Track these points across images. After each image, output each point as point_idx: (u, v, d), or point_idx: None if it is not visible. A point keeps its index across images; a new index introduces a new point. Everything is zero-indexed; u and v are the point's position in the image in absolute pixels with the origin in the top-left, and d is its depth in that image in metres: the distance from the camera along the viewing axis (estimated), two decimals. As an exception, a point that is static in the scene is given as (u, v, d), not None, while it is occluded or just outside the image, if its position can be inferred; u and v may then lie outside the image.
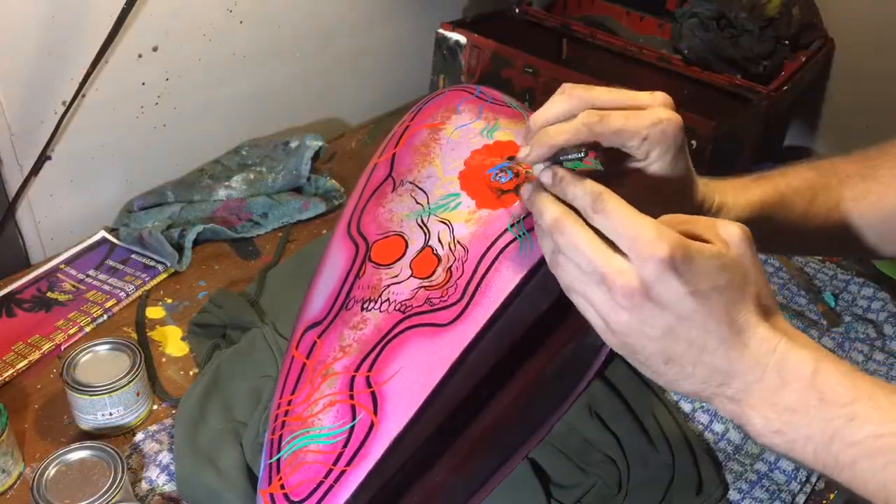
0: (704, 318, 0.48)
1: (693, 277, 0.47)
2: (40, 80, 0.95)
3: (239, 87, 1.18)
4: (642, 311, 0.48)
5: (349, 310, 0.63)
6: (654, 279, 0.47)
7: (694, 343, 0.49)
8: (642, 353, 0.50)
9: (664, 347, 0.49)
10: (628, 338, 0.50)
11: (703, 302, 0.48)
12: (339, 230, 0.68)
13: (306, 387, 0.61)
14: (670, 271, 0.47)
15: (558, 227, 0.50)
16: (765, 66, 1.22)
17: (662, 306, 0.48)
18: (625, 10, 1.40)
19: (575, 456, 0.78)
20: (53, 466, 0.70)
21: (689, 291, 0.47)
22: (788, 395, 0.48)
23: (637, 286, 0.47)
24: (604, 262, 0.48)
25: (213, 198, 1.09)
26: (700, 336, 0.48)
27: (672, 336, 0.49)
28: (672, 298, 0.47)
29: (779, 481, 0.78)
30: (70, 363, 0.79)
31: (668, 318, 0.48)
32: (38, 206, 1.02)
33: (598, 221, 0.49)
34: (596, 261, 0.48)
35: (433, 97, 0.73)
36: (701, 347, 0.49)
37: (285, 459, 0.58)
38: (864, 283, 1.03)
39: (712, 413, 0.84)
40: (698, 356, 0.49)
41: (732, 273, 0.48)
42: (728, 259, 0.48)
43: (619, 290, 0.48)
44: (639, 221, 0.48)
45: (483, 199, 0.63)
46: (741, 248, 0.49)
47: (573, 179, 0.51)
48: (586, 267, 0.49)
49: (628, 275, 0.48)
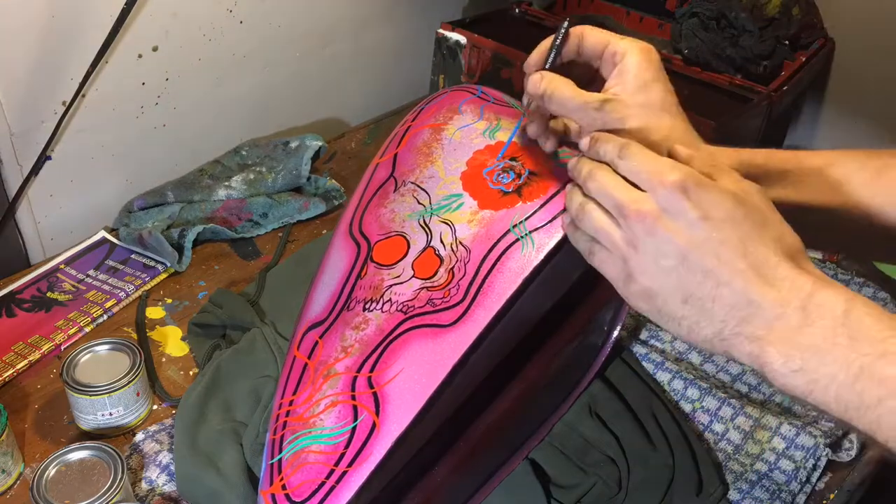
0: (717, 246, 0.48)
1: (704, 203, 0.48)
2: (40, 80, 0.95)
3: (239, 87, 1.18)
4: (655, 238, 0.49)
5: (351, 310, 0.63)
6: (666, 202, 0.49)
7: (709, 273, 0.49)
8: (661, 295, 0.51)
9: (680, 281, 0.49)
10: (645, 277, 0.51)
11: (716, 229, 0.48)
12: (340, 230, 0.68)
13: (308, 387, 0.61)
14: (681, 194, 0.48)
15: (591, 175, 0.53)
16: (765, 66, 1.22)
17: (674, 231, 0.49)
18: (625, 9, 1.40)
19: (575, 456, 0.78)
20: (53, 466, 0.70)
21: (699, 216, 0.48)
22: (814, 332, 0.47)
23: (649, 210, 0.49)
24: (622, 194, 0.51)
25: (213, 198, 1.09)
26: (715, 266, 0.49)
27: (686, 265, 0.49)
28: (683, 222, 0.49)
29: (779, 481, 0.78)
30: (70, 363, 0.79)
31: (680, 244, 0.49)
32: (38, 206, 1.02)
33: (623, 167, 0.52)
34: (616, 194, 0.51)
35: (435, 97, 0.73)
36: (717, 278, 0.49)
37: (287, 460, 0.58)
38: (864, 283, 1.03)
39: (712, 413, 0.84)
40: (715, 288, 0.49)
41: (749, 211, 0.49)
42: (745, 198, 0.50)
43: (634, 214, 0.50)
44: (657, 158, 0.51)
45: (485, 199, 0.63)
46: (759, 196, 0.50)
47: (605, 137, 0.54)
48: (609, 203, 0.52)
49: (642, 201, 0.50)
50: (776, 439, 0.81)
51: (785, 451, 0.80)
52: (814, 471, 0.79)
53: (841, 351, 0.46)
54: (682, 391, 0.86)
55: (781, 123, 1.41)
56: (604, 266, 0.54)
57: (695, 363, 0.90)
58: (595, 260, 0.54)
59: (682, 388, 0.86)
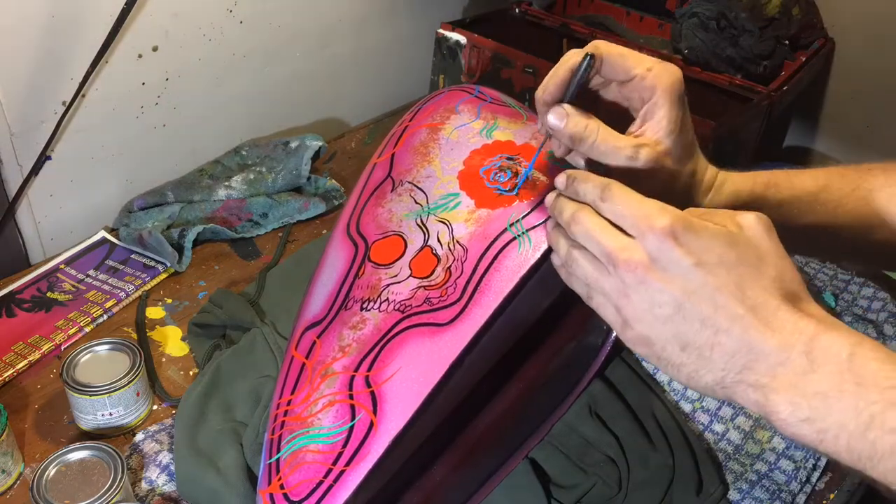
0: (713, 291, 0.47)
1: (696, 249, 0.47)
2: (40, 80, 0.95)
3: (239, 87, 1.18)
4: (648, 288, 0.48)
5: (348, 310, 0.63)
6: (657, 250, 0.47)
7: (706, 321, 0.47)
8: (658, 343, 0.49)
9: (677, 330, 0.48)
10: (641, 325, 0.49)
11: (710, 275, 0.47)
12: (338, 230, 0.68)
13: (306, 387, 0.61)
14: (671, 240, 0.47)
15: (575, 218, 0.52)
16: (765, 66, 1.22)
17: (667, 280, 0.47)
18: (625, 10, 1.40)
19: (575, 456, 0.78)
20: (53, 466, 0.70)
21: (692, 263, 0.47)
22: (820, 378, 0.45)
23: (639, 259, 0.48)
24: (609, 241, 0.49)
25: (213, 198, 1.09)
26: (712, 313, 0.47)
27: (682, 314, 0.48)
28: (676, 270, 0.47)
29: (779, 481, 0.78)
30: (70, 363, 0.79)
31: (674, 293, 0.47)
32: (38, 206, 1.02)
33: (606, 209, 0.50)
34: (603, 241, 0.49)
35: (432, 97, 0.73)
36: (715, 326, 0.47)
37: (285, 459, 0.58)
38: (864, 283, 1.03)
39: (712, 413, 0.84)
40: (713, 336, 0.47)
41: (743, 251, 0.47)
42: (739, 238, 0.48)
43: (623, 264, 0.48)
44: (642, 201, 0.49)
45: (482, 198, 0.63)
46: (756, 230, 0.48)
47: (583, 176, 0.52)
48: (597, 250, 0.50)
49: (631, 249, 0.48)
50: (776, 439, 0.80)
51: (785, 451, 0.80)
52: (814, 471, 0.79)
53: (849, 399, 0.44)
54: (682, 391, 0.86)
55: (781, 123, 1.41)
56: (601, 310, 0.52)
57: (695, 363, 0.90)
58: (593, 304, 0.53)
59: (682, 388, 0.86)
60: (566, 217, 0.53)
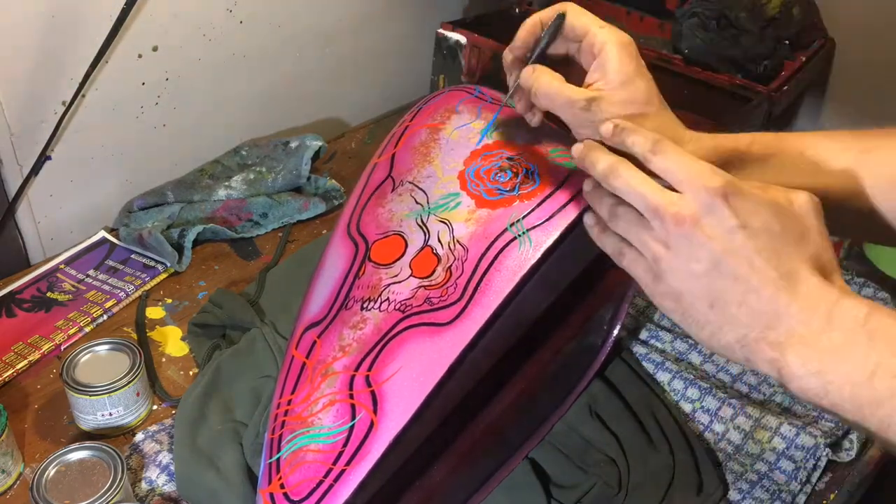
0: (752, 253, 0.49)
1: (743, 212, 0.49)
2: (40, 80, 0.95)
3: (239, 87, 1.18)
4: (691, 242, 0.49)
5: (349, 309, 0.63)
6: (705, 207, 0.49)
7: (740, 279, 0.49)
8: (688, 298, 0.51)
9: (709, 285, 0.50)
10: (674, 278, 0.51)
11: (752, 238, 0.49)
12: (338, 230, 0.68)
13: (306, 386, 0.61)
14: (721, 200, 0.48)
15: (614, 171, 0.52)
16: (765, 66, 1.22)
17: (711, 236, 0.49)
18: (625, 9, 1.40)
19: (575, 456, 0.78)
20: (53, 466, 0.70)
21: (738, 224, 0.48)
22: (834, 336, 0.48)
23: (688, 213, 0.49)
24: (658, 195, 0.50)
25: (213, 198, 1.09)
26: (746, 272, 0.49)
27: (717, 270, 0.49)
28: (721, 229, 0.49)
29: (779, 481, 0.78)
30: (70, 363, 0.79)
31: (714, 249, 0.49)
32: (38, 206, 1.02)
33: (656, 163, 0.51)
34: (649, 194, 0.51)
35: (432, 97, 0.74)
36: (746, 284, 0.49)
37: (285, 459, 0.58)
38: (864, 284, 1.03)
39: (712, 413, 0.84)
40: (743, 295, 0.49)
41: (788, 222, 0.49)
42: (787, 210, 0.50)
43: (672, 217, 0.49)
44: (695, 160, 0.50)
45: (482, 198, 0.63)
46: (805, 209, 0.50)
47: (632, 128, 0.53)
48: (641, 204, 0.51)
49: (680, 203, 0.49)
50: (776, 439, 0.80)
51: (785, 451, 0.80)
52: (814, 471, 0.79)
53: (860, 350, 0.47)
54: (682, 391, 0.86)
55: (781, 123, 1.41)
56: (632, 266, 0.54)
57: (695, 363, 0.90)
58: (624, 261, 0.55)
59: (682, 388, 0.86)
60: (602, 168, 0.53)
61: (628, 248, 0.54)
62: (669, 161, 0.51)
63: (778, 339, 0.49)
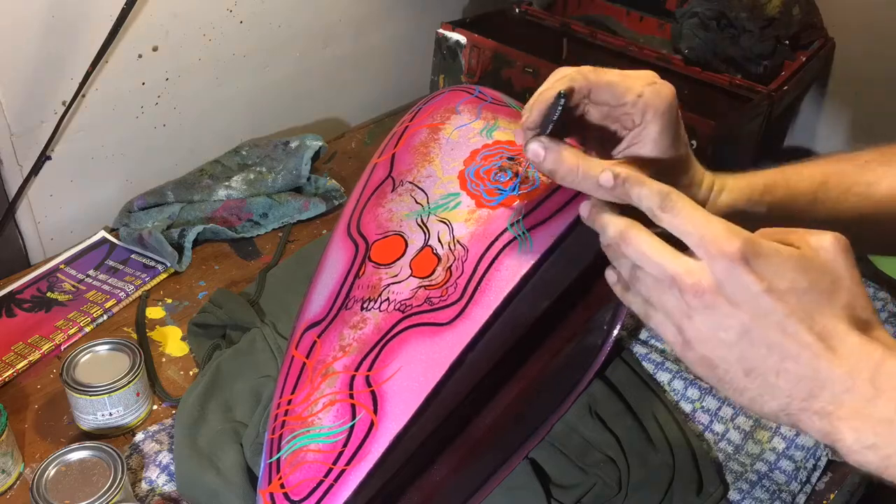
0: (782, 318, 0.45)
1: (767, 274, 0.45)
2: (40, 80, 0.95)
3: (239, 87, 1.18)
4: (715, 312, 0.46)
5: (349, 309, 0.63)
6: (726, 275, 0.46)
7: (773, 347, 0.46)
8: (722, 366, 0.48)
9: (742, 354, 0.47)
10: (705, 348, 0.48)
11: (780, 301, 0.45)
12: (338, 230, 0.68)
13: (306, 386, 0.61)
14: (742, 266, 0.45)
15: (624, 238, 0.49)
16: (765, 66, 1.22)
17: (736, 304, 0.46)
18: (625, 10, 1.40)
19: (575, 456, 0.78)
20: (53, 466, 0.70)
21: (763, 289, 0.45)
22: (885, 404, 0.45)
23: (708, 284, 0.46)
24: (673, 264, 0.47)
25: (213, 198, 1.09)
26: (779, 339, 0.46)
27: (749, 339, 0.46)
28: (745, 296, 0.46)
29: (779, 481, 0.78)
30: (70, 363, 0.79)
31: (742, 318, 0.46)
32: (38, 206, 1.02)
33: (665, 221, 0.48)
34: (664, 263, 0.47)
35: (432, 97, 0.74)
36: (782, 352, 0.46)
37: (285, 459, 0.58)
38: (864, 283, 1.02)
39: (712, 413, 0.84)
40: (780, 363, 0.46)
41: (817, 276, 0.46)
42: (813, 262, 0.46)
43: (690, 289, 0.46)
44: (709, 219, 0.47)
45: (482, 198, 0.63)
46: (832, 253, 0.47)
47: (638, 179, 0.50)
48: (657, 272, 0.48)
49: (698, 273, 0.46)
50: (776, 439, 0.80)
51: (785, 451, 0.80)
52: (814, 471, 0.79)
53: None
54: (682, 391, 0.86)
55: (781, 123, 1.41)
56: (660, 329, 0.51)
57: (695, 363, 0.90)
58: (651, 322, 0.51)
59: (682, 388, 0.86)
60: (612, 234, 0.50)
61: (654, 311, 0.50)
62: (681, 220, 0.47)
63: (825, 408, 0.46)
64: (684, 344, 0.49)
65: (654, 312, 0.50)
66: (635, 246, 0.49)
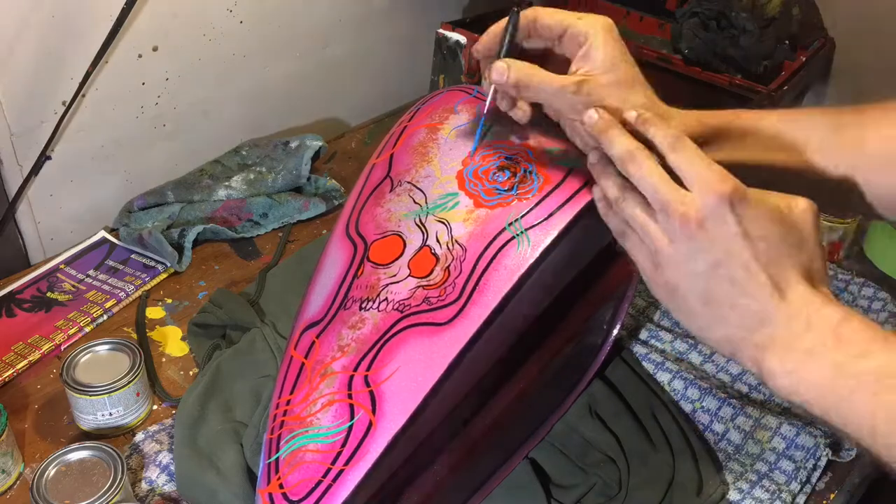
0: (749, 259, 0.51)
1: (747, 219, 0.51)
2: (40, 80, 0.95)
3: (239, 87, 1.18)
4: (693, 242, 0.51)
5: (347, 309, 0.63)
6: (711, 212, 0.50)
7: (736, 283, 0.51)
8: (682, 292, 0.53)
9: (706, 286, 0.52)
10: (673, 274, 0.53)
11: (751, 245, 0.51)
12: (337, 230, 0.68)
13: (305, 386, 0.61)
14: (727, 206, 0.50)
15: (633, 157, 0.53)
16: (765, 66, 1.22)
17: (712, 240, 0.51)
18: (625, 9, 1.40)
19: (575, 456, 0.78)
20: (53, 466, 0.70)
21: (740, 231, 0.51)
22: (809, 338, 0.51)
23: (694, 215, 0.51)
24: (669, 191, 0.52)
25: (213, 198, 1.09)
26: (743, 277, 0.51)
27: (715, 272, 0.52)
28: (723, 233, 0.51)
29: (779, 481, 0.78)
30: (70, 363, 0.79)
31: (716, 253, 0.51)
32: (38, 206, 1.02)
33: (672, 159, 0.53)
34: (662, 190, 0.52)
35: (431, 97, 0.74)
36: (741, 289, 0.51)
37: (284, 459, 0.58)
38: (864, 283, 1.03)
39: (712, 413, 0.83)
40: (737, 297, 0.52)
41: (787, 231, 0.52)
42: (787, 218, 0.51)
43: (679, 217, 0.51)
44: (710, 165, 0.52)
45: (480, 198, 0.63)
46: (804, 216, 0.52)
47: (658, 123, 0.55)
48: (651, 195, 0.53)
49: (688, 204, 0.51)
50: (776, 439, 0.80)
51: (785, 451, 0.80)
52: (814, 471, 0.79)
53: (828, 352, 0.50)
54: (682, 391, 0.86)
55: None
56: (633, 250, 0.56)
57: (695, 363, 0.90)
58: (626, 242, 0.56)
59: (682, 388, 0.86)
60: (619, 151, 0.54)
61: (632, 232, 0.55)
62: (685, 159, 0.52)
63: (762, 341, 0.52)
64: (654, 267, 0.54)
65: (630, 233, 0.56)
66: (642, 167, 0.53)
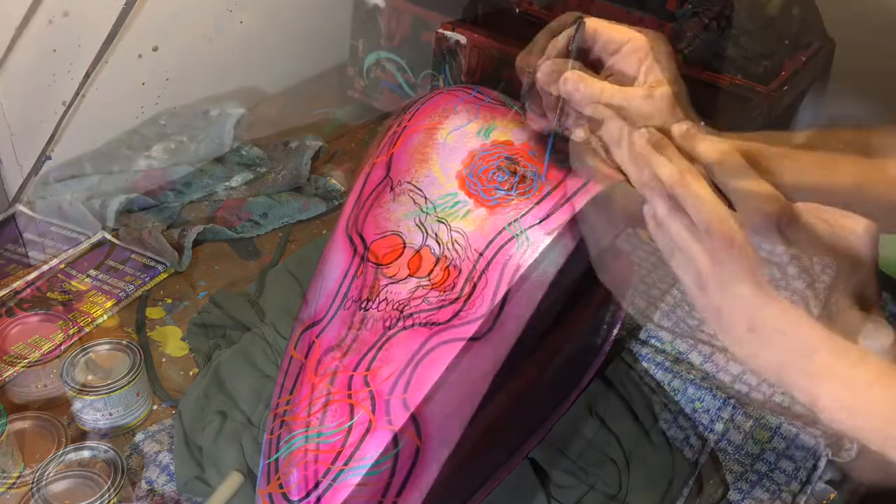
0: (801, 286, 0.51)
1: (796, 243, 0.49)
2: (40, 80, 0.95)
3: (239, 87, 1.18)
4: (736, 264, 0.49)
5: (347, 309, 0.63)
6: (759, 231, 0.49)
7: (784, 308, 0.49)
8: (728, 316, 0.51)
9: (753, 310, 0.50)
10: (719, 296, 0.51)
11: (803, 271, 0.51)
12: (337, 230, 0.68)
13: (305, 386, 0.61)
14: (774, 228, 0.49)
15: (683, 180, 0.51)
16: (765, 66, 1.22)
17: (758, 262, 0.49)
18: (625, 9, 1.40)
19: (575, 456, 0.78)
20: (53, 467, 0.70)
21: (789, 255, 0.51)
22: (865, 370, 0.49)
23: (740, 238, 0.49)
24: (713, 210, 0.50)
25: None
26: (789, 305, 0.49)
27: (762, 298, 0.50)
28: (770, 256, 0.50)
29: (779, 481, 0.78)
30: (70, 363, 0.79)
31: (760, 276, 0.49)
32: (37, 205, 1.02)
33: (719, 173, 0.51)
34: (705, 209, 0.50)
35: (430, 97, 0.74)
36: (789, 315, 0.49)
37: (283, 459, 0.58)
38: (864, 283, 1.02)
39: (713, 413, 0.83)
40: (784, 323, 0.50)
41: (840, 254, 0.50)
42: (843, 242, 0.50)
43: (721, 237, 0.49)
44: (759, 180, 0.50)
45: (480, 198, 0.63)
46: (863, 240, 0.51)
47: (703, 137, 0.53)
48: (695, 214, 0.50)
49: (733, 224, 0.49)
50: (776, 439, 0.80)
51: (785, 451, 0.80)
52: (814, 471, 0.79)
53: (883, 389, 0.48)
54: (682, 391, 0.85)
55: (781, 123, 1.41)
56: (680, 271, 0.54)
57: (695, 363, 0.90)
58: (673, 262, 0.54)
59: (682, 388, 0.86)
60: (670, 173, 0.52)
61: (679, 252, 0.53)
62: (734, 173, 0.51)
63: (813, 369, 0.49)
64: (700, 289, 0.52)
65: (678, 253, 0.53)
66: (692, 189, 0.51)
